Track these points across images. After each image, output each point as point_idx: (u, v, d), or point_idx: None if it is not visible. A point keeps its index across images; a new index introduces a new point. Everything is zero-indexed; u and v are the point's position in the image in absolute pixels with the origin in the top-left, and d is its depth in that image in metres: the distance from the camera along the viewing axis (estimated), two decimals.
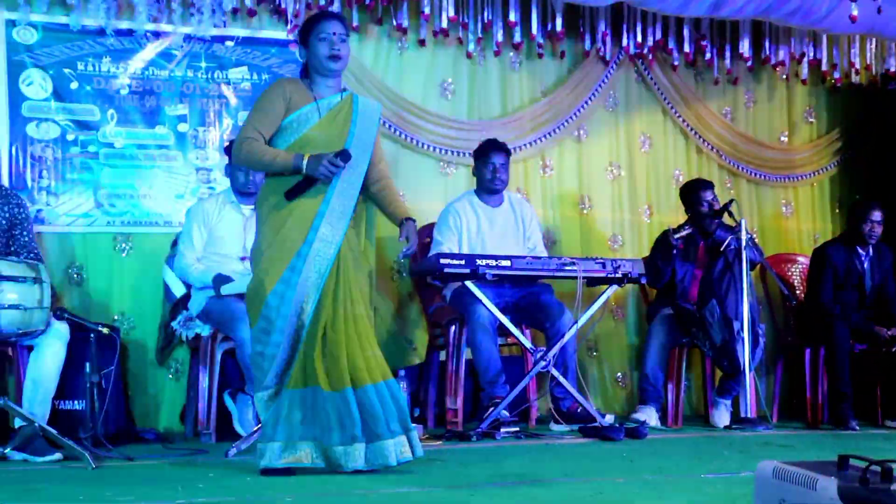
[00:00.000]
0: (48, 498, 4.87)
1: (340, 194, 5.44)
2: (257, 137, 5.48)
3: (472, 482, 5.21)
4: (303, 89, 5.59)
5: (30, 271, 6.19)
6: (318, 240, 5.34)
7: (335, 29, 5.56)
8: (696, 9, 8.23)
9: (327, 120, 5.51)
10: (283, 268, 5.31)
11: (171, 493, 4.92)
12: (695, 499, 4.75)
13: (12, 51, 7.77)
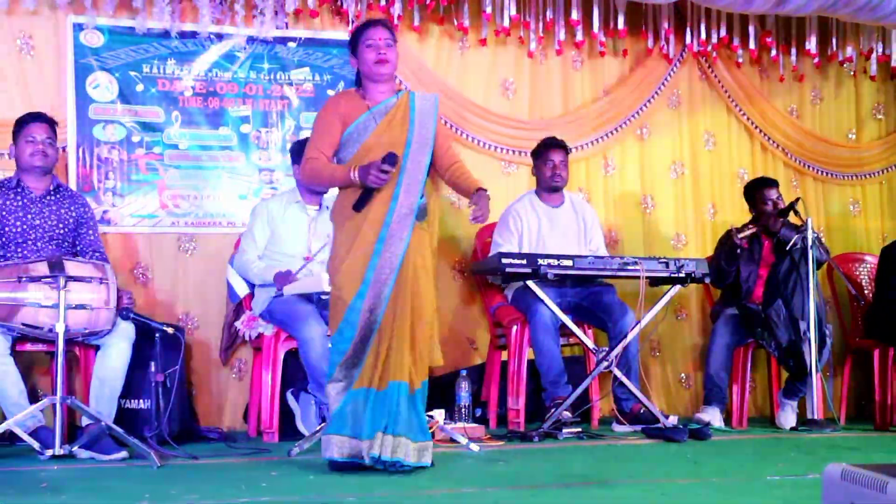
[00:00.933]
0: (114, 496, 4.90)
1: (406, 191, 5.48)
2: (318, 157, 5.59)
3: (534, 483, 5.22)
4: (357, 99, 5.68)
5: (96, 272, 6.23)
6: (389, 237, 5.40)
7: (381, 35, 5.64)
8: (762, 5, 8.19)
9: (385, 125, 5.57)
10: (362, 271, 5.40)
11: (234, 492, 4.99)
12: (761, 501, 4.77)
13: (79, 54, 7.85)
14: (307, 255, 7.33)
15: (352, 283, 5.42)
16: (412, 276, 5.49)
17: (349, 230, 5.51)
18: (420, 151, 5.59)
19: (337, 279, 5.52)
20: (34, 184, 6.81)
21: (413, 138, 5.58)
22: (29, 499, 4.89)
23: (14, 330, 6.20)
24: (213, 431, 7.46)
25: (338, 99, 5.82)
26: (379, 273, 5.40)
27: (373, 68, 5.63)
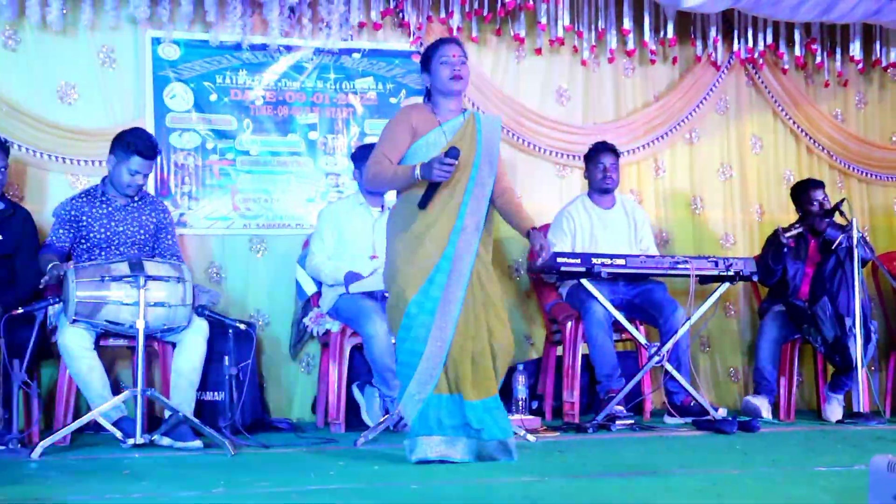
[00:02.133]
0: (191, 483, 4.95)
1: (472, 212, 5.51)
2: (382, 161, 5.59)
3: (589, 472, 5.23)
4: (427, 114, 5.67)
5: (173, 271, 6.30)
6: (456, 255, 5.42)
7: (455, 52, 5.65)
8: (807, 13, 8.17)
9: (455, 142, 5.53)
10: (422, 281, 5.41)
11: (304, 480, 5.05)
12: (808, 491, 4.71)
13: (157, 66, 7.93)
14: (372, 255, 7.39)
15: (409, 290, 5.42)
16: (478, 286, 5.52)
17: (409, 242, 5.51)
18: (486, 172, 5.60)
19: (393, 288, 5.54)
20: (117, 196, 6.91)
21: (481, 159, 5.59)
22: (112, 485, 4.96)
23: (98, 326, 6.29)
24: (282, 422, 7.50)
25: (409, 111, 5.80)
26: (447, 291, 5.42)
27: (447, 84, 5.63)
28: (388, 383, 6.92)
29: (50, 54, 7.77)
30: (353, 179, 7.76)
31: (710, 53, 9.15)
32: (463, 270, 5.44)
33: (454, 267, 5.43)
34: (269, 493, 4.68)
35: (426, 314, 5.39)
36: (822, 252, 8.02)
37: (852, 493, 4.07)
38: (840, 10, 8.10)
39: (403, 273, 5.47)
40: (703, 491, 4.73)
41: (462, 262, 5.45)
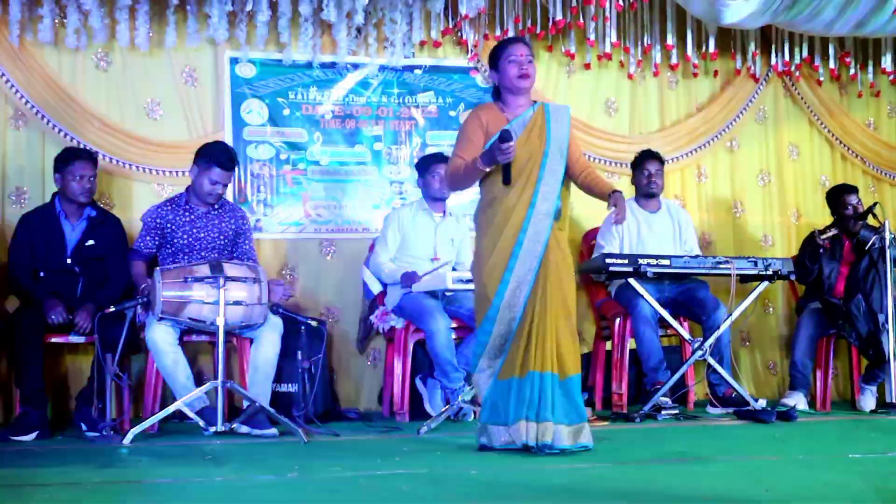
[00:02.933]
0: (268, 467, 5.01)
1: (544, 198, 5.44)
2: (458, 160, 5.54)
3: (637, 459, 5.25)
4: (496, 112, 5.61)
5: (250, 273, 6.35)
6: (528, 239, 5.36)
7: (522, 51, 5.57)
8: (841, 28, 8.12)
9: (524, 137, 5.48)
10: (502, 271, 5.37)
11: (372, 465, 5.11)
12: (844, 477, 4.69)
13: (235, 84, 8.03)
14: (434, 257, 7.45)
15: (494, 281, 5.39)
16: (554, 272, 5.45)
17: (492, 234, 5.46)
18: (556, 161, 5.52)
19: (481, 278, 5.50)
20: (199, 203, 6.98)
21: (550, 149, 5.50)
22: (195, 469, 5.04)
23: (182, 323, 6.37)
24: (351, 412, 7.57)
25: (479, 111, 5.71)
26: (517, 272, 5.37)
27: (515, 82, 5.56)
28: (448, 376, 6.96)
29: (137, 74, 7.86)
30: (416, 187, 7.79)
31: (749, 66, 9.12)
32: (534, 253, 5.39)
33: (525, 250, 5.37)
34: (339, 478, 4.73)
35: (500, 297, 5.37)
36: (856, 252, 7.99)
37: (886, 478, 4.06)
38: (872, 25, 8.05)
39: (487, 268, 5.44)
40: (745, 477, 4.74)
41: (533, 246, 5.39)
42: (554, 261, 5.47)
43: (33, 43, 7.58)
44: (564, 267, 5.55)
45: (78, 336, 6.74)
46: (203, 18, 7.64)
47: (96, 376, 6.49)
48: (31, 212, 7.08)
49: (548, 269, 5.44)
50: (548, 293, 5.43)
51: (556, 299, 5.45)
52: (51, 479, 4.83)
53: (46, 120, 7.60)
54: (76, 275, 6.89)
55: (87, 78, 7.77)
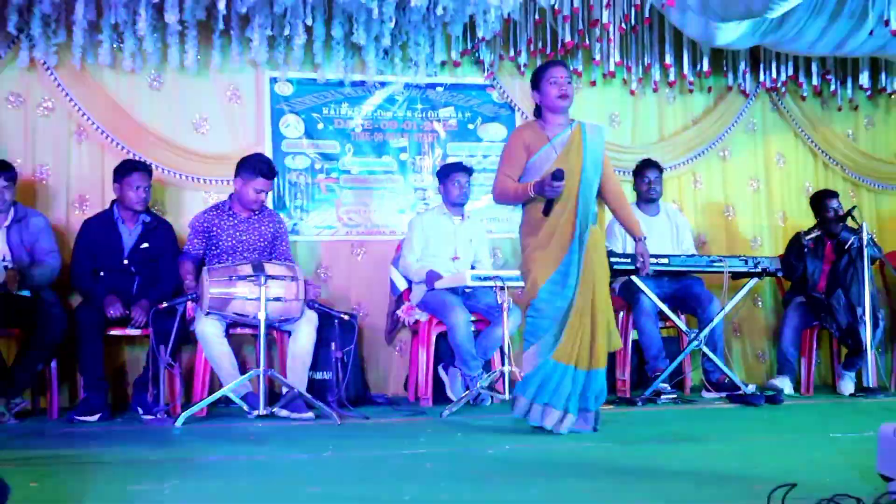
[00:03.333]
0: (305, 447, 5.04)
1: (582, 211, 5.40)
2: (505, 180, 5.51)
3: (639, 439, 5.25)
4: (537, 131, 5.56)
5: (288, 272, 6.38)
6: (574, 250, 5.34)
7: (562, 73, 5.54)
8: (822, 48, 8.09)
9: (564, 154, 5.46)
10: (551, 272, 5.34)
11: (399, 444, 5.14)
12: (826, 454, 4.72)
13: (274, 101, 8.04)
14: (454, 256, 7.46)
15: (540, 280, 5.36)
16: (593, 270, 5.43)
17: (539, 242, 5.42)
18: (593, 174, 5.49)
19: (528, 277, 5.44)
20: (241, 210, 7.01)
21: (587, 165, 5.47)
22: (240, 448, 5.09)
23: (227, 317, 6.39)
24: (380, 397, 7.58)
25: (521, 131, 5.69)
26: (565, 279, 5.35)
27: (555, 102, 5.51)
28: (468, 364, 6.97)
29: (186, 93, 7.88)
30: (437, 193, 7.80)
31: (740, 83, 9.10)
32: (578, 262, 5.37)
33: (572, 259, 5.35)
34: (369, 456, 4.75)
35: (555, 297, 5.34)
36: (837, 252, 7.96)
37: (863, 455, 4.04)
38: (850, 45, 8.03)
39: (536, 267, 5.39)
40: (736, 455, 4.76)
41: (578, 255, 5.37)
42: (592, 260, 5.45)
43: (94, 66, 7.60)
44: (601, 267, 5.52)
45: (134, 329, 6.78)
46: (245, 42, 7.65)
47: (151, 365, 6.52)
48: (92, 217, 7.11)
49: (589, 268, 5.41)
50: (589, 289, 5.40)
51: (596, 294, 5.43)
52: (111, 457, 4.87)
53: (106, 135, 7.62)
54: (132, 274, 6.92)
55: (141, 97, 7.79)
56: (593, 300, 5.41)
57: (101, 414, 6.45)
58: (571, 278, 5.35)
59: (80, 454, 4.97)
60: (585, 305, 5.39)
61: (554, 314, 5.35)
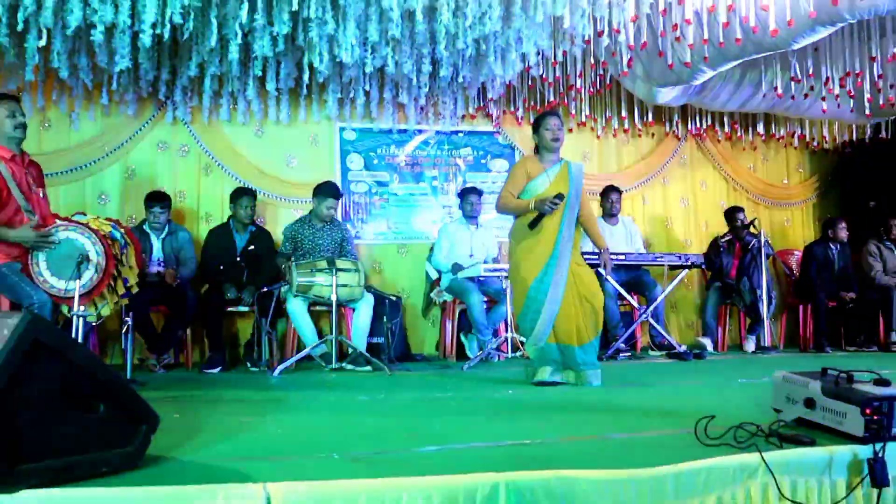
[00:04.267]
0: (365, 391, 5.01)
1: (568, 226, 5.23)
2: (508, 196, 5.36)
3: (604, 385, 5.18)
4: (536, 162, 5.41)
5: (353, 265, 6.39)
6: (559, 255, 5.16)
7: (555, 122, 5.34)
8: (731, 106, 8.09)
9: (554, 183, 5.29)
10: (537, 271, 5.17)
11: (432, 389, 5.13)
12: (735, 394, 4.75)
13: (343, 144, 8.05)
14: (470, 254, 7.44)
15: (528, 278, 5.20)
16: (576, 273, 5.24)
17: (526, 246, 5.26)
18: (575, 201, 5.30)
19: (517, 277, 5.29)
20: (319, 221, 7.00)
21: (572, 193, 5.30)
22: (318, 391, 5.07)
23: (309, 298, 6.39)
24: (418, 356, 7.56)
25: (524, 161, 5.52)
26: (556, 279, 5.16)
27: (549, 144, 5.33)
28: (482, 332, 6.95)
29: (281, 139, 7.89)
30: (458, 209, 7.77)
31: (675, 130, 9.09)
32: (564, 265, 5.20)
33: (558, 263, 5.18)
34: (412, 398, 4.75)
35: (541, 294, 5.17)
36: (743, 250, 8.01)
37: (761, 394, 4.03)
38: (751, 104, 8.04)
39: (523, 268, 5.24)
40: (672, 395, 4.76)
41: (563, 260, 5.20)
42: (573, 267, 5.25)
43: (216, 120, 7.63)
44: (583, 268, 5.33)
45: (244, 307, 6.78)
46: (322, 102, 7.64)
47: (256, 332, 6.54)
48: (215, 228, 7.14)
49: (571, 276, 5.23)
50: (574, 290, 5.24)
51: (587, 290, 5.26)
52: (228, 397, 4.87)
53: (224, 169, 7.64)
54: (243, 268, 6.93)
55: (249, 142, 7.81)
56: (579, 294, 5.24)
57: (221, 367, 6.46)
58: (549, 277, 5.18)
59: (208, 394, 4.98)
60: (572, 298, 5.22)
61: (538, 306, 5.20)
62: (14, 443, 2.30)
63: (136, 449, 2.63)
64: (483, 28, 5.71)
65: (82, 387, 2.51)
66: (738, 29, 5.93)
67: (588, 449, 3.05)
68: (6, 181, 4.75)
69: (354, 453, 2.94)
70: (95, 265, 4.65)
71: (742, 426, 3.09)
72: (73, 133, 7.35)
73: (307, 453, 2.96)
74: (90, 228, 4.71)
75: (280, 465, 2.78)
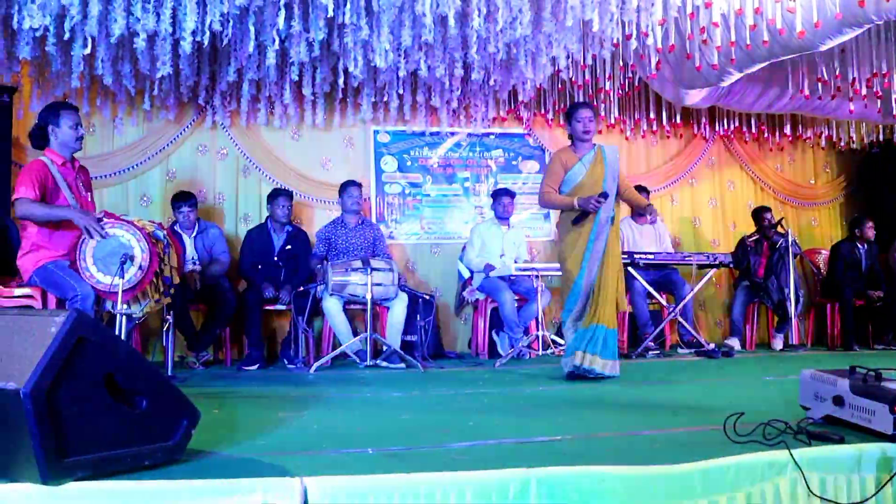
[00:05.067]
0: (398, 387, 5.03)
1: (605, 210, 5.25)
2: (550, 191, 5.39)
3: (633, 382, 5.21)
4: (570, 153, 5.43)
5: (387, 265, 6.38)
6: (595, 239, 5.21)
7: (586, 113, 5.39)
8: (759, 107, 8.02)
9: (590, 171, 5.33)
10: (580, 262, 5.22)
11: (464, 386, 5.12)
12: (763, 391, 4.72)
13: (377, 146, 8.03)
14: (501, 254, 7.41)
15: (575, 269, 5.25)
16: (612, 261, 5.28)
17: (572, 238, 5.30)
18: (612, 184, 5.35)
19: (564, 268, 5.34)
20: (350, 220, 7.05)
21: (608, 176, 5.35)
22: (353, 388, 5.08)
23: (344, 297, 6.38)
24: (451, 353, 7.53)
25: (559, 153, 5.54)
26: (591, 262, 5.23)
27: (580, 135, 5.38)
28: (513, 330, 6.93)
29: (317, 142, 7.89)
30: (490, 209, 7.75)
31: (702, 131, 9.01)
32: (599, 250, 5.24)
33: (593, 248, 5.22)
34: (444, 394, 4.75)
35: (581, 280, 5.23)
36: (770, 250, 7.92)
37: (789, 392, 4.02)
38: (778, 105, 7.96)
39: (569, 260, 5.29)
40: (700, 392, 4.73)
41: (598, 244, 5.23)
42: (612, 252, 5.31)
43: (254, 125, 7.66)
44: (616, 257, 5.36)
45: (281, 305, 6.80)
46: (357, 106, 7.64)
47: (292, 330, 6.56)
48: (253, 228, 7.16)
49: (607, 259, 5.27)
50: (608, 273, 5.26)
51: (613, 277, 5.29)
52: (266, 393, 4.90)
53: (262, 171, 7.67)
54: (280, 267, 6.95)
55: (286, 145, 7.83)
56: (605, 278, 5.25)
57: (259, 364, 6.49)
58: (584, 266, 5.22)
59: (246, 391, 5.01)
60: (602, 284, 5.23)
61: (579, 292, 5.23)
62: (61, 436, 2.33)
63: (178, 443, 2.66)
64: (514, 32, 5.71)
65: (126, 382, 2.54)
66: (764, 31, 5.87)
67: (618, 445, 3.04)
68: (56, 179, 4.86)
69: (389, 448, 2.95)
70: (140, 263, 4.69)
71: (771, 423, 3.07)
72: (116, 138, 7.43)
73: (343, 448, 2.97)
74: (136, 226, 4.77)
75: (317, 459, 2.80)
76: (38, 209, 4.74)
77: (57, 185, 4.85)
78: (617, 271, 5.36)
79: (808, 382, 3.37)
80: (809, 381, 3.36)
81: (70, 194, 4.89)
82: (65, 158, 4.95)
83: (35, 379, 2.28)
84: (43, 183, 4.79)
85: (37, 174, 4.78)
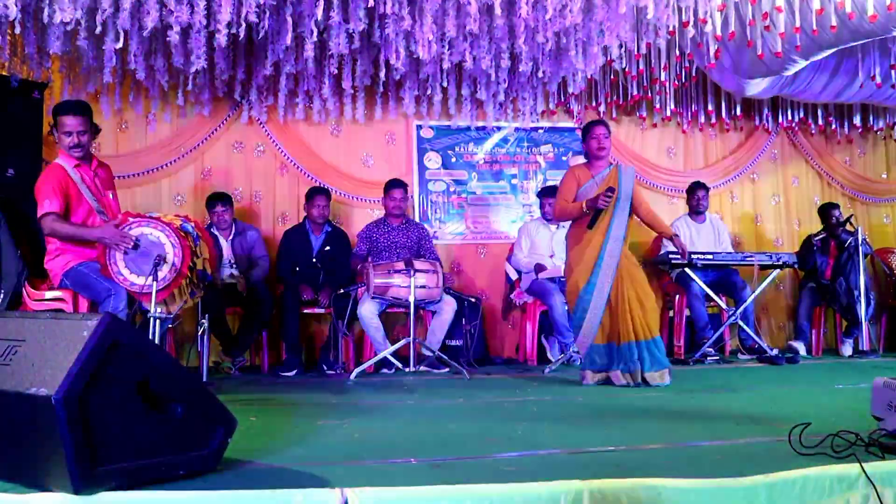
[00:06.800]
0: (443, 395, 5.04)
1: (617, 227, 5.46)
2: (562, 202, 5.62)
3: (689, 390, 5.16)
4: (584, 170, 5.68)
5: (431, 266, 6.34)
6: (606, 256, 5.39)
7: (601, 131, 5.62)
8: (825, 97, 7.92)
9: (603, 187, 5.51)
10: (588, 274, 5.40)
11: (512, 394, 5.10)
12: (831, 400, 4.66)
13: (419, 142, 8.06)
14: (551, 254, 7.39)
15: (581, 281, 5.42)
16: (627, 274, 5.44)
17: (579, 250, 5.50)
18: (625, 202, 5.52)
19: (570, 279, 5.53)
20: (393, 221, 7.08)
21: (621, 195, 5.51)
22: (395, 395, 5.11)
23: (386, 300, 6.38)
24: (498, 359, 7.53)
25: (574, 169, 5.76)
26: (602, 278, 5.38)
27: (595, 152, 5.62)
28: (563, 334, 6.90)
29: (357, 138, 7.94)
30: (538, 208, 7.74)
31: (765, 124, 8.91)
32: (611, 266, 5.40)
33: (605, 263, 5.39)
34: (490, 402, 4.74)
35: (588, 294, 5.39)
36: (839, 249, 7.83)
37: (860, 401, 3.96)
38: (846, 95, 7.84)
39: (576, 271, 5.47)
40: (762, 402, 4.67)
41: (610, 260, 5.40)
42: (626, 266, 5.47)
43: (292, 120, 7.72)
44: (635, 269, 5.53)
45: (321, 308, 6.85)
46: (399, 100, 7.66)
47: (332, 335, 6.60)
48: (290, 229, 7.22)
49: (622, 273, 5.44)
50: (625, 288, 5.41)
51: (630, 291, 5.43)
52: (304, 400, 4.94)
53: (300, 169, 7.73)
54: (319, 269, 6.99)
55: (325, 141, 7.88)
56: (627, 296, 5.40)
57: (297, 370, 6.54)
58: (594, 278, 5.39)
59: (284, 398, 5.05)
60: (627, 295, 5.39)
61: (585, 305, 5.38)
62: (94, 445, 2.35)
63: (214, 452, 2.68)
64: (563, 21, 5.67)
65: (160, 388, 2.56)
66: (832, 16, 5.78)
67: (675, 456, 3.01)
68: (77, 184, 4.92)
69: (433, 459, 2.95)
70: (172, 260, 4.72)
71: (840, 434, 3.02)
72: (149, 134, 7.53)
73: (385, 458, 2.98)
74: (163, 222, 4.80)
75: (358, 469, 2.80)
76: (63, 229, 4.82)
77: (79, 191, 4.92)
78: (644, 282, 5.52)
79: (881, 391, 3.30)
80: (882, 390, 3.30)
81: (91, 196, 4.95)
82: (76, 160, 4.98)
83: (67, 385, 2.30)
84: (65, 191, 4.86)
85: (58, 183, 4.84)
